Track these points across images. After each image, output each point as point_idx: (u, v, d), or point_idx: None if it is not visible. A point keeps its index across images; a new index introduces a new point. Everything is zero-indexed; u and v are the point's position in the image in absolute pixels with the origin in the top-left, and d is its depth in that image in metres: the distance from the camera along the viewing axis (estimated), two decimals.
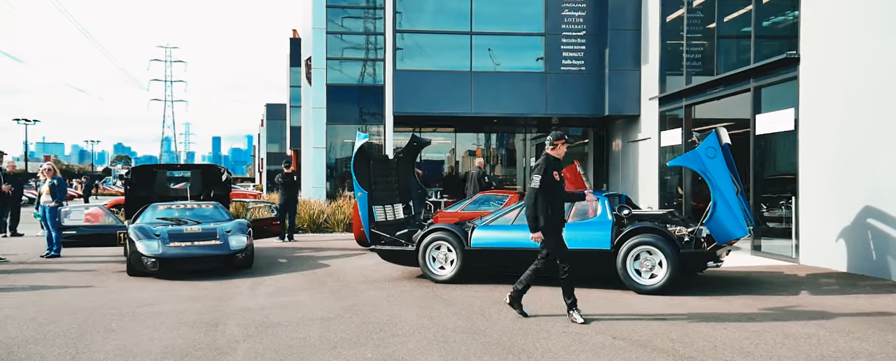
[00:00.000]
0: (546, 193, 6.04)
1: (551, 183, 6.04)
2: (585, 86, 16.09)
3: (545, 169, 6.04)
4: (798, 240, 9.70)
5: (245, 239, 10.10)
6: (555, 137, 6.24)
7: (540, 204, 6.06)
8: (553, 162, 6.16)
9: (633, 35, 15.77)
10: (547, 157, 6.19)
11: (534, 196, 6.05)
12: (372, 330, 6.14)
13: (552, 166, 6.12)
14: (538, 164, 6.17)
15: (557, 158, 6.22)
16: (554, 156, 6.20)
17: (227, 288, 8.65)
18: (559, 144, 6.21)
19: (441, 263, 8.64)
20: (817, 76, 9.41)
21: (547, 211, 6.07)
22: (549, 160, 6.15)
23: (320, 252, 12.45)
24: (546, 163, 6.10)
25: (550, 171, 6.06)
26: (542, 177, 5.99)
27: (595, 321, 6.29)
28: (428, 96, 15.89)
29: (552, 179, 6.05)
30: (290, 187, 14.78)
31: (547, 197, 6.05)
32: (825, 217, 9.16)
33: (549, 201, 6.07)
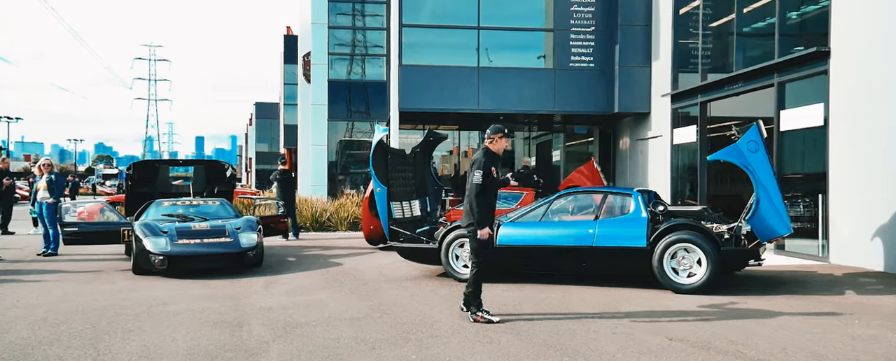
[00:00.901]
0: (486, 189, 5.86)
1: (490, 179, 5.88)
2: (594, 83, 15.83)
3: (485, 164, 5.84)
4: (827, 239, 9.47)
5: (255, 237, 9.73)
6: (493, 131, 6.02)
7: (481, 200, 5.85)
8: (492, 156, 5.97)
9: (643, 31, 15.53)
10: (486, 151, 5.97)
11: (475, 192, 5.83)
12: (407, 331, 5.82)
13: (491, 162, 5.92)
14: (477, 159, 5.92)
15: (496, 153, 6.01)
16: (493, 150, 6.00)
17: (241, 286, 8.29)
18: (497, 138, 5.99)
19: (465, 261, 8.31)
20: (850, 70, 9.18)
21: (483, 206, 5.87)
22: (488, 155, 5.94)
23: (329, 250, 12.09)
24: (486, 159, 5.88)
25: (490, 167, 5.87)
26: (483, 173, 5.80)
27: (640, 320, 5.99)
28: (434, 92, 15.57)
29: (491, 175, 5.88)
30: (286, 184, 14.39)
31: (486, 193, 5.88)
32: (858, 215, 8.93)
33: (487, 197, 5.90)
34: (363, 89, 19.44)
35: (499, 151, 6.01)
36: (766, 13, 11.35)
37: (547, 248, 7.82)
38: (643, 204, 7.64)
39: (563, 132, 19.81)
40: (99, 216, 10.96)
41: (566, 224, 7.99)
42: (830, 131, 9.46)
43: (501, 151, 6.05)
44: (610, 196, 7.92)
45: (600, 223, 7.67)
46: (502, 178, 6.20)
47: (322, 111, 20.21)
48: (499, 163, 6.01)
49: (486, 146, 6.05)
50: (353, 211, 16.10)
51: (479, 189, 5.83)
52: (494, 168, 5.91)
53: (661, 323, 5.87)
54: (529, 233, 8.00)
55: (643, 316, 6.18)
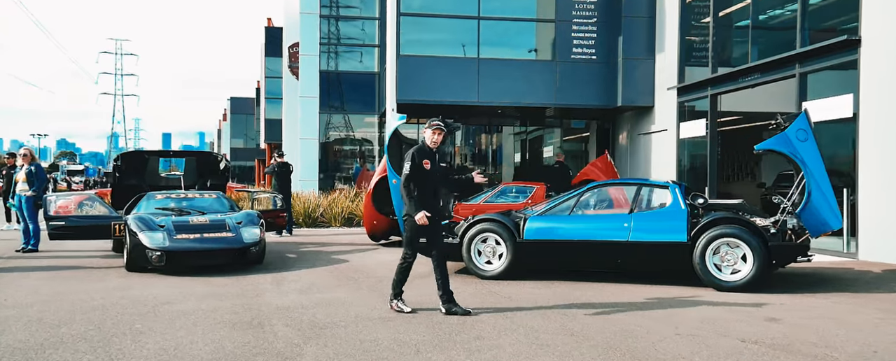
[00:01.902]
0: (416, 180, 6.01)
1: (420, 170, 6.02)
2: (596, 75, 15.45)
3: (414, 156, 6.03)
4: (856, 235, 9.17)
5: (258, 232, 9.14)
6: (430, 123, 6.19)
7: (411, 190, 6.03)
8: (428, 150, 6.12)
9: (646, 23, 15.19)
10: (421, 145, 6.21)
11: (404, 182, 6.04)
12: (448, 332, 5.33)
13: (425, 154, 6.08)
14: (410, 151, 6.15)
15: (431, 146, 6.14)
16: (428, 143, 6.15)
17: (247, 284, 7.72)
18: (433, 132, 6.13)
19: (488, 257, 7.84)
20: (881, 59, 8.89)
21: (416, 194, 6.01)
22: (422, 148, 6.15)
23: (328, 247, 11.53)
24: (417, 151, 6.09)
25: (421, 160, 6.03)
26: (411, 164, 6.00)
27: (697, 320, 5.58)
28: (433, 84, 15.05)
29: (422, 167, 6.02)
30: (285, 177, 13.78)
31: (417, 184, 6.01)
32: (890, 210, 8.63)
33: (419, 187, 6.03)
34: (356, 81, 18.81)
35: (434, 145, 6.16)
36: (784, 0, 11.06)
37: (578, 243, 7.38)
38: (681, 196, 7.23)
39: (560, 127, 19.43)
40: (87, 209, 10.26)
41: (598, 217, 7.56)
42: (860, 123, 9.17)
43: (437, 145, 6.20)
44: (644, 188, 7.51)
45: (636, 216, 7.25)
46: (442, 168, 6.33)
47: (312, 104, 19.57)
48: (435, 156, 6.16)
49: (422, 140, 6.28)
50: (347, 207, 15.53)
51: (408, 179, 6.01)
52: (428, 161, 6.06)
53: (723, 324, 5.46)
54: (558, 228, 7.55)
55: (698, 316, 5.76)
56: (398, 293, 6.19)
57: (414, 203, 5.98)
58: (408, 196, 6.03)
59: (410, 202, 6.01)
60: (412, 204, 5.99)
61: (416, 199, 5.99)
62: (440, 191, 6.36)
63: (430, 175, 6.08)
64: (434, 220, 6.06)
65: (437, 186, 6.21)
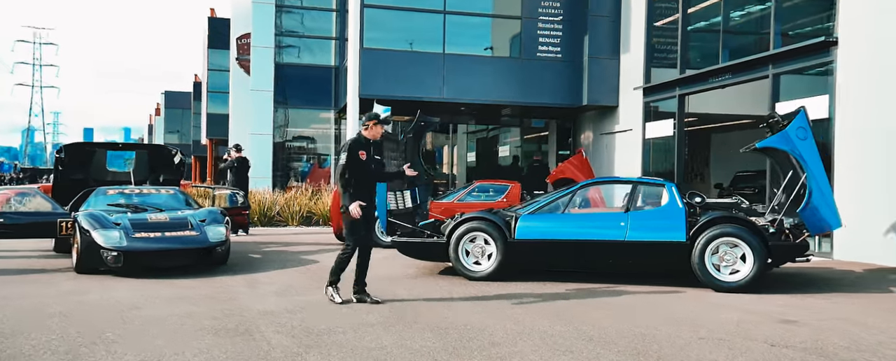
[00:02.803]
0: (353, 171, 6.13)
1: (357, 161, 6.14)
2: (561, 74, 15.32)
3: (350, 147, 6.17)
4: (831, 235, 9.24)
5: (223, 231, 8.53)
6: (367, 118, 6.36)
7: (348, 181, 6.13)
8: (363, 142, 6.27)
9: (610, 22, 15.15)
10: (357, 137, 6.34)
11: (340, 172, 6.14)
12: (459, 338, 4.97)
13: (361, 146, 6.22)
14: (346, 143, 6.31)
15: (369, 139, 6.31)
16: (367, 136, 6.31)
17: (217, 287, 7.15)
18: (371, 125, 6.30)
19: (476, 257, 7.49)
20: (858, 61, 8.98)
21: (350, 187, 6.12)
22: (358, 140, 6.29)
23: (293, 247, 10.95)
24: (354, 142, 6.23)
25: (357, 150, 6.16)
26: (347, 155, 6.12)
27: (715, 323, 5.38)
28: (397, 78, 14.61)
29: (358, 158, 6.15)
30: (242, 173, 13.09)
31: (354, 175, 6.13)
32: (866, 210, 8.73)
33: (355, 178, 6.14)
34: (312, 75, 18.11)
35: (373, 137, 6.32)
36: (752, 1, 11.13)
37: (573, 243, 7.12)
38: (678, 195, 7.06)
39: (519, 126, 19.28)
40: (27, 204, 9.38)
41: (594, 216, 7.33)
42: (836, 124, 9.26)
43: (376, 137, 6.35)
44: (640, 186, 7.31)
45: (632, 215, 7.04)
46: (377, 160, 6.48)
47: (265, 97, 18.76)
48: (371, 148, 6.29)
49: (360, 132, 6.40)
50: (306, 205, 14.90)
51: (343, 169, 6.09)
52: (363, 151, 6.19)
53: (743, 326, 5.27)
54: (552, 227, 7.28)
55: (714, 318, 5.57)
56: (334, 280, 6.28)
57: (348, 194, 6.10)
58: (343, 187, 6.13)
59: (345, 193, 6.13)
60: (347, 196, 6.11)
61: (351, 191, 6.10)
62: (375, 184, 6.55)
63: (366, 166, 6.21)
64: (368, 211, 6.20)
65: (372, 178, 6.37)
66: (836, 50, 9.27)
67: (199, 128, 43.33)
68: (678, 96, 12.91)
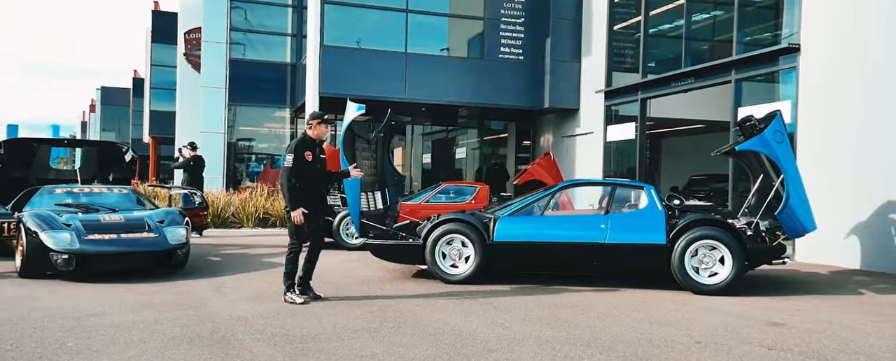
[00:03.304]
0: (297, 172, 6.08)
1: (303, 162, 6.10)
2: (523, 76, 15.30)
3: (296, 147, 6.12)
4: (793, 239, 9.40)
5: (184, 232, 8.11)
6: (311, 117, 6.31)
7: (292, 182, 6.10)
8: (308, 142, 6.23)
9: (572, 25, 15.21)
10: (302, 137, 6.28)
11: (286, 174, 6.08)
12: (451, 343, 4.79)
13: (306, 146, 6.19)
14: (290, 144, 6.26)
15: (314, 139, 6.27)
16: (311, 135, 6.26)
17: (182, 292, 6.76)
18: (315, 124, 6.24)
19: (453, 260, 7.30)
20: (820, 66, 9.18)
21: (294, 189, 6.09)
22: (303, 140, 6.24)
23: (253, 249, 10.54)
24: (299, 143, 6.19)
25: (302, 151, 6.12)
26: (293, 156, 6.06)
27: (707, 327, 5.34)
28: (358, 77, 14.31)
29: (303, 159, 6.11)
30: (197, 172, 12.57)
31: (298, 177, 6.10)
32: (829, 214, 8.89)
33: (300, 180, 6.11)
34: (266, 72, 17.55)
35: (318, 137, 6.27)
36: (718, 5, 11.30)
37: (554, 245, 7.01)
38: (657, 197, 7.04)
39: (477, 128, 19.19)
40: None
41: (574, 218, 7.24)
42: (799, 129, 9.45)
43: (321, 137, 6.30)
44: (619, 188, 7.26)
45: (612, 217, 6.98)
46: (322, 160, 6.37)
47: (217, 95, 18.12)
48: (316, 149, 6.25)
49: (304, 131, 6.34)
50: (262, 206, 14.42)
51: (289, 172, 6.05)
52: (309, 152, 6.16)
53: (734, 330, 5.23)
54: (532, 229, 7.15)
55: (705, 322, 5.53)
56: (289, 285, 6.21)
57: (293, 196, 6.06)
58: (288, 188, 6.09)
59: (290, 194, 6.08)
60: (291, 198, 6.06)
61: (296, 192, 6.06)
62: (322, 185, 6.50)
63: (312, 167, 6.16)
64: (313, 214, 6.18)
65: (317, 179, 6.31)
66: (798, 56, 9.47)
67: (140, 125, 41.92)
68: (640, 100, 13.03)
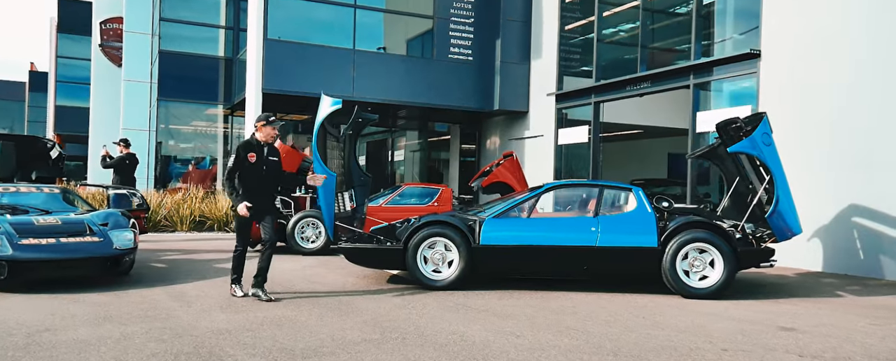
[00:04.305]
0: (241, 173, 6.16)
1: (244, 164, 6.15)
2: (472, 77, 15.06)
3: (239, 149, 6.21)
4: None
5: (131, 237, 7.32)
6: (257, 119, 6.30)
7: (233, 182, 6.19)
8: (254, 144, 6.24)
9: (521, 26, 15.11)
10: (249, 138, 6.33)
11: (227, 175, 6.18)
12: (468, 355, 4.43)
13: (250, 148, 6.21)
14: (240, 145, 6.30)
15: (260, 142, 6.26)
16: (259, 138, 6.26)
17: (138, 302, 6.07)
18: (260, 126, 6.24)
19: (435, 265, 6.91)
20: (781, 72, 9.38)
21: (234, 190, 6.18)
22: (249, 142, 6.29)
23: (198, 254, 9.75)
24: (244, 144, 6.27)
25: (246, 152, 6.17)
26: (235, 157, 6.15)
27: (724, 333, 5.19)
28: (303, 74, 13.65)
29: (245, 160, 6.15)
30: (128, 172, 11.57)
31: (241, 178, 6.17)
32: None
33: (243, 181, 6.17)
34: (199, 66, 16.48)
35: (265, 139, 6.25)
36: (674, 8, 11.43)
37: (543, 248, 6.74)
38: (646, 199, 6.91)
39: (419, 129, 18.81)
40: None
41: (564, 221, 6.99)
42: None
43: (269, 140, 6.26)
44: (607, 190, 7.08)
45: (603, 220, 6.79)
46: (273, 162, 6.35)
47: (140, 90, 16.90)
48: (263, 151, 6.23)
49: (253, 134, 6.32)
50: (197, 208, 13.50)
51: (230, 172, 6.13)
52: (253, 154, 6.17)
53: (752, 335, 5.10)
54: (520, 231, 6.86)
55: (719, 327, 5.38)
56: (236, 278, 6.36)
57: (234, 197, 6.13)
58: (230, 190, 6.18)
59: (232, 193, 6.16)
60: (233, 196, 6.15)
61: (237, 193, 6.12)
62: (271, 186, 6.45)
63: (256, 170, 6.16)
64: (263, 213, 6.22)
65: (264, 181, 6.27)
66: (759, 62, 9.66)
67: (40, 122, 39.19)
68: (594, 103, 13.04)
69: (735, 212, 7.72)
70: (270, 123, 6.25)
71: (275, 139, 6.40)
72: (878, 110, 8.22)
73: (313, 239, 9.87)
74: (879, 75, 8.22)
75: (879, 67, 8.22)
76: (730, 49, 10.35)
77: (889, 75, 8.11)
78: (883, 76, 8.18)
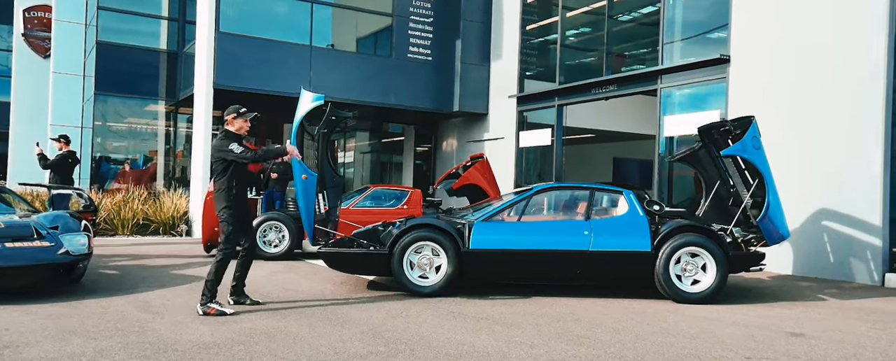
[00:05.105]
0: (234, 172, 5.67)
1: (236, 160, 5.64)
2: (431, 77, 14.76)
3: (228, 145, 5.57)
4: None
5: (84, 241, 6.67)
6: (227, 112, 5.80)
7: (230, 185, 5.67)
8: (236, 138, 5.73)
9: (480, 27, 14.91)
10: (229, 133, 5.73)
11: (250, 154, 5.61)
12: None
13: (239, 140, 5.73)
14: (219, 143, 5.66)
15: (237, 134, 5.76)
16: (233, 131, 5.75)
17: (101, 313, 5.51)
18: (231, 119, 5.76)
19: (422, 270, 6.58)
20: (750, 77, 9.48)
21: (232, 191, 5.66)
22: (229, 134, 5.72)
23: (149, 260, 9.07)
24: (231, 140, 5.64)
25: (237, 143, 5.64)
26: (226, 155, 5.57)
27: (737, 339, 5.07)
28: (258, 69, 13.03)
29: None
30: (67, 171, 10.72)
31: (235, 176, 5.67)
32: None
33: (237, 180, 5.69)
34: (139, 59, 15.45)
35: (239, 131, 5.76)
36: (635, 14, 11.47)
37: (536, 253, 6.51)
38: (638, 202, 6.78)
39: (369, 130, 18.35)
40: None
41: (556, 224, 6.79)
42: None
43: (242, 132, 5.77)
44: (598, 193, 6.92)
45: (595, 224, 6.61)
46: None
47: (72, 83, 15.76)
48: (241, 144, 5.71)
49: (226, 129, 5.77)
50: (140, 211, 12.65)
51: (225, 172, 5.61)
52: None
53: (769, 343, 4.99)
54: (512, 236, 6.61)
55: (727, 334, 5.26)
56: (213, 295, 5.52)
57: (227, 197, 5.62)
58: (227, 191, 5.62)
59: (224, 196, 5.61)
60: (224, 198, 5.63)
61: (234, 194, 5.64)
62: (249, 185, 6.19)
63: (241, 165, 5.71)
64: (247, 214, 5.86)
65: (248, 178, 5.93)
66: (729, 67, 9.76)
67: None
68: (557, 106, 12.97)
69: (715, 216, 7.70)
70: (242, 115, 5.76)
71: (247, 132, 5.89)
72: (848, 115, 8.40)
73: (276, 243, 9.35)
74: (851, 79, 8.39)
75: (851, 72, 8.39)
76: (699, 54, 10.41)
77: (858, 79, 8.30)
78: (854, 80, 8.35)
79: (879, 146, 8.07)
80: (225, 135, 5.75)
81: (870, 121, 8.17)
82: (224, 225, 5.64)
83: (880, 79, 8.10)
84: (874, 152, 8.12)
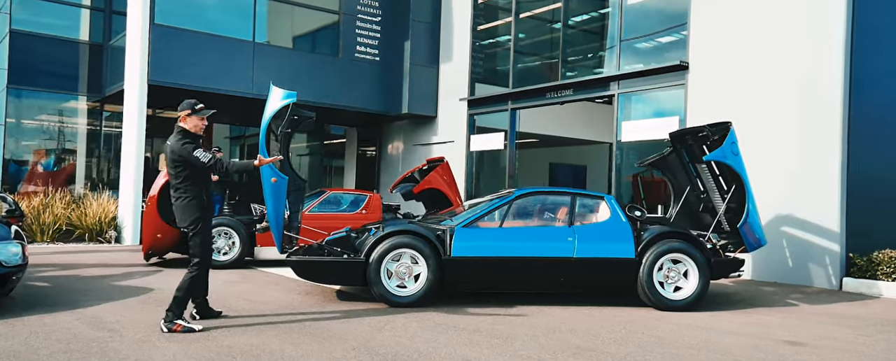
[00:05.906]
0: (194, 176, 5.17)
1: (197, 162, 5.10)
2: (379, 78, 14.34)
3: (185, 147, 5.06)
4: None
5: (18, 251, 5.93)
6: (180, 108, 5.25)
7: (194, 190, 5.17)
8: (191, 137, 5.20)
9: (430, 28, 14.62)
10: (185, 134, 5.17)
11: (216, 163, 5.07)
12: None
13: (196, 141, 5.22)
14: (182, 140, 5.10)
15: (193, 133, 5.23)
16: (189, 129, 5.21)
17: (47, 332, 4.88)
18: (184, 116, 5.22)
19: (400, 279, 6.20)
20: (708, 83, 9.59)
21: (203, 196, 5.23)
22: (186, 133, 5.18)
23: (81, 269, 8.27)
24: (188, 142, 5.11)
25: (193, 150, 5.08)
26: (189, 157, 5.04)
27: (738, 348, 4.96)
28: (196, 65, 12.25)
29: (198, 159, 5.07)
30: None
31: (195, 179, 5.18)
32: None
33: (196, 182, 5.19)
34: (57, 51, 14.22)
35: (195, 130, 5.22)
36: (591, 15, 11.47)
37: (520, 260, 6.26)
38: (620, 208, 6.64)
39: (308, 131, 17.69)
40: None
41: (539, 230, 6.54)
42: None
43: (198, 131, 5.25)
44: (579, 198, 6.72)
45: (578, 230, 6.42)
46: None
47: None
48: (201, 145, 5.23)
49: (180, 127, 5.19)
50: (62, 216, 11.61)
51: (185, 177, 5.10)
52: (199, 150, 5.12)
53: (772, 352, 4.90)
54: (494, 242, 6.32)
55: (726, 343, 5.14)
56: (180, 312, 4.97)
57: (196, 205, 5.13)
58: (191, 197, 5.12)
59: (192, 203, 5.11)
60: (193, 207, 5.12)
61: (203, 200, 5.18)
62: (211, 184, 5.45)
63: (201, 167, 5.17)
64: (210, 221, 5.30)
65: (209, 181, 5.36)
66: (687, 73, 9.85)
67: None
68: (511, 110, 12.82)
69: (684, 222, 7.69)
70: (197, 112, 5.20)
71: (202, 130, 5.34)
72: (806, 122, 8.59)
73: (226, 251, 8.73)
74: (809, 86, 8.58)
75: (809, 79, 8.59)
76: (657, 60, 10.49)
77: (816, 85, 8.50)
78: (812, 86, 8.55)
79: (837, 153, 8.29)
80: (181, 135, 5.18)
81: (827, 128, 8.38)
82: (198, 237, 5.13)
83: (837, 85, 8.32)
84: (832, 159, 8.32)
